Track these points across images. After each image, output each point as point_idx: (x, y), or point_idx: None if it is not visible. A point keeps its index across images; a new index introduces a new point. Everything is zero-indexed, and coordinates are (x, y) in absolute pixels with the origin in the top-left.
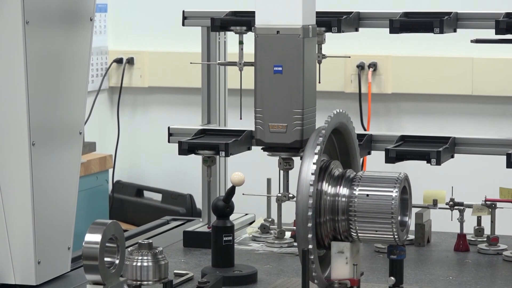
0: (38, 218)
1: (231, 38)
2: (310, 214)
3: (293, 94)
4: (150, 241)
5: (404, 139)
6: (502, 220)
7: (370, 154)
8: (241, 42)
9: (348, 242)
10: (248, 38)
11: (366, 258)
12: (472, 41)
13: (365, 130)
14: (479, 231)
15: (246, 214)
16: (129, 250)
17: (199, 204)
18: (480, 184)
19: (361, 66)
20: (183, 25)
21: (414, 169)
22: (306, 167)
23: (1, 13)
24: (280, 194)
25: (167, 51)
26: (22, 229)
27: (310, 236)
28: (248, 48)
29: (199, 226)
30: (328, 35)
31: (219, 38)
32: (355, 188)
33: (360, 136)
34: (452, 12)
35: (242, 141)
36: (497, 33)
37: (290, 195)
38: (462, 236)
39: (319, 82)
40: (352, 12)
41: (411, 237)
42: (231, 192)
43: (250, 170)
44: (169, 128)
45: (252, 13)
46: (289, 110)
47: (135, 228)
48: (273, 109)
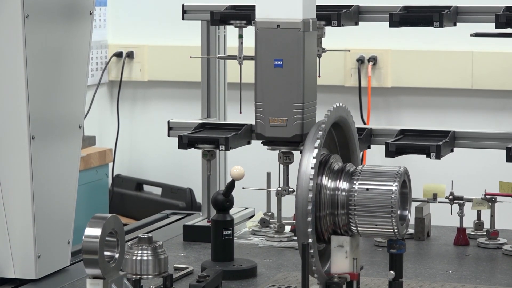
0: (38, 212)
1: (231, 32)
2: (310, 208)
3: (293, 88)
4: (150, 235)
5: (403, 133)
6: (501, 214)
7: (370, 148)
8: (241, 36)
9: (347, 236)
10: (248, 32)
11: (365, 252)
12: (472, 35)
13: (365, 124)
14: (479, 225)
15: (246, 208)
16: (129, 244)
17: (199, 198)
18: (479, 178)
19: (361, 60)
20: (183, 18)
21: (414, 163)
22: (306, 161)
23: (0, 7)
24: (280, 188)
25: (167, 45)
26: (22, 223)
27: (310, 230)
28: (248, 42)
29: (199, 220)
30: (328, 29)
31: (219, 32)
32: (355, 182)
33: (360, 130)
34: (452, 6)
35: (242, 135)
36: (497, 27)
37: (290, 189)
38: (461, 230)
39: (319, 76)
40: (352, 6)
41: (411, 231)
42: (231, 186)
43: (250, 164)
44: (169, 122)
45: (252, 7)
46: (289, 104)
47: (135, 222)
48: (273, 103)
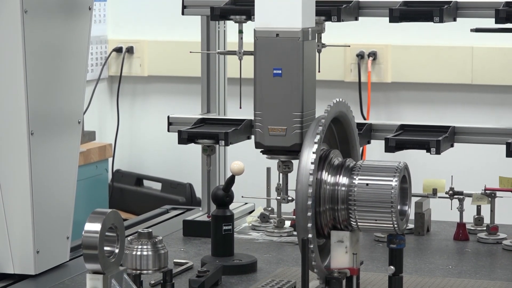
0: (37, 208)
1: (231, 27)
2: (309, 203)
3: (292, 97)
4: (150, 230)
5: (403, 128)
6: (501, 209)
7: (369, 143)
8: (240, 31)
9: (347, 231)
10: (247, 27)
11: (365, 247)
12: (472, 30)
13: (364, 119)
14: (479, 220)
15: (246, 203)
16: (128, 239)
17: (199, 193)
18: (479, 173)
19: (360, 55)
20: (183, 14)
21: (413, 158)
22: (305, 156)
23: None
24: (279, 198)
25: (167, 40)
26: (21, 218)
27: (310, 225)
28: (247, 37)
29: (199, 215)
30: (328, 24)
31: (219, 27)
32: (355, 177)
33: (359, 125)
34: (452, 1)
35: (241, 130)
36: (497, 22)
37: (289, 198)
38: (461, 225)
39: (319, 71)
40: (352, 1)
41: (411, 226)
42: (231, 181)
43: (250, 159)
44: (168, 117)
45: (251, 2)
46: (288, 113)
47: (135, 217)
48: (272, 112)
